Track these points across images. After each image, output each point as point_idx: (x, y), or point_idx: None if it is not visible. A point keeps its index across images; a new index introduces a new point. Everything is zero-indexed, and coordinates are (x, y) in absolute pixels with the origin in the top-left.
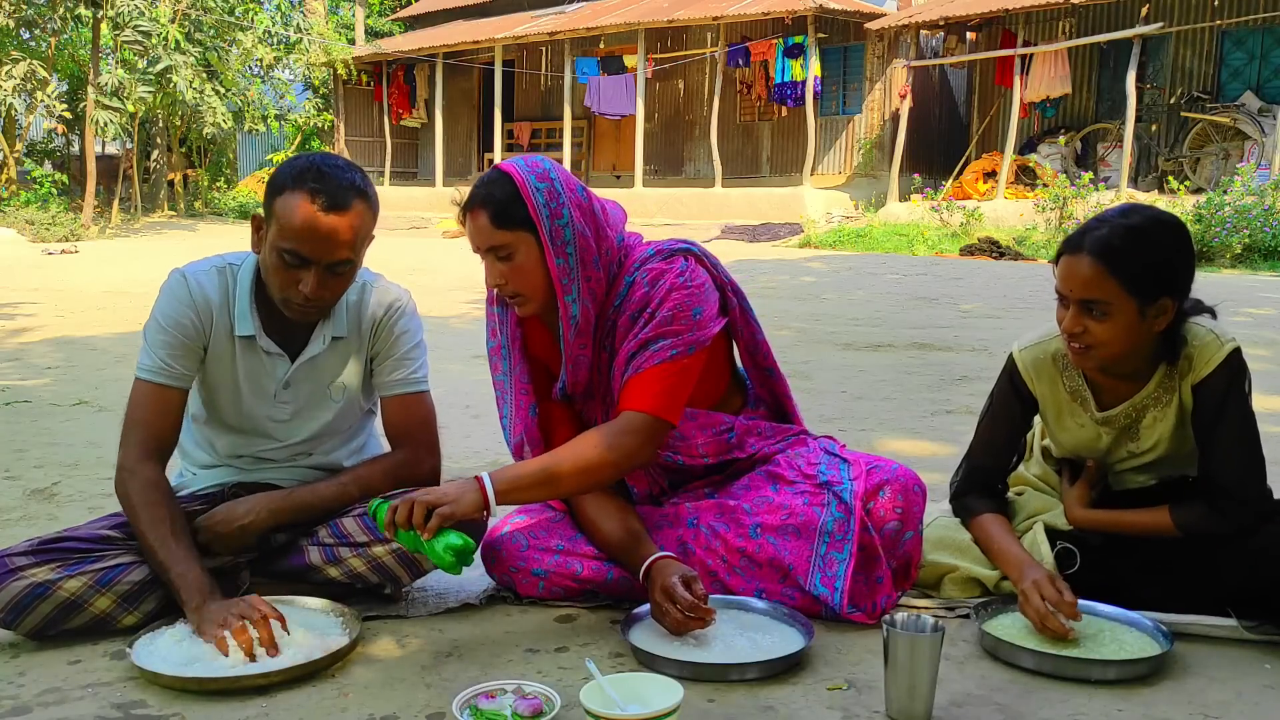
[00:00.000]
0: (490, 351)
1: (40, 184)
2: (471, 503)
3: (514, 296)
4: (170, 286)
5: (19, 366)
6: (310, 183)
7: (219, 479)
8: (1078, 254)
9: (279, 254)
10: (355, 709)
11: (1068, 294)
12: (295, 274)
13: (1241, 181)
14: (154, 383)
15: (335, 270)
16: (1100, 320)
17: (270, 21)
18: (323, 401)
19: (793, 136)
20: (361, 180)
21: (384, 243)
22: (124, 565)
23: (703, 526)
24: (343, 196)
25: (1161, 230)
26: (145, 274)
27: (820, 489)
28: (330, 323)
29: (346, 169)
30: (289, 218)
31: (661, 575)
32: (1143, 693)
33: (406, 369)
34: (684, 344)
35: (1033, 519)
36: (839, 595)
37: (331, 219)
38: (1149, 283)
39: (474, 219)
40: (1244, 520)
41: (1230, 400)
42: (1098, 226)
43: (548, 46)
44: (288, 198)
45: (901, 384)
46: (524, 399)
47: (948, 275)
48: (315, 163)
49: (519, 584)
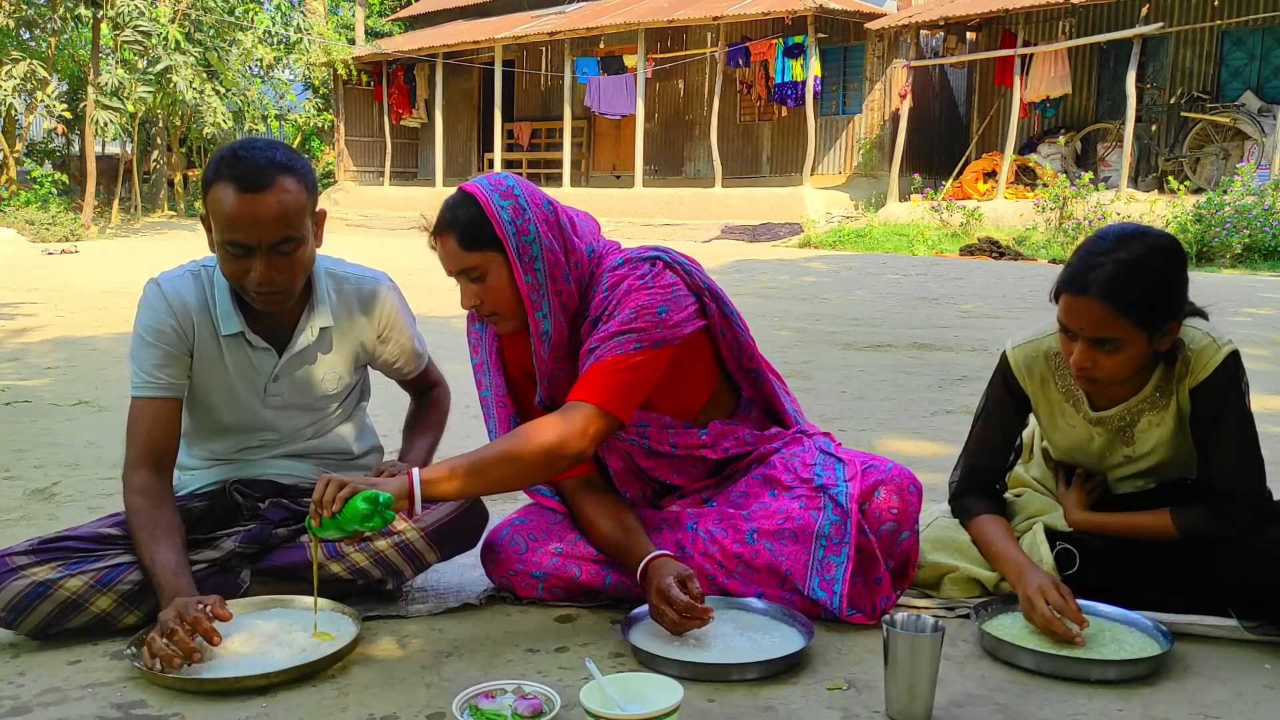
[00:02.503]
0: (474, 369)
1: (40, 184)
2: (396, 487)
3: (491, 315)
4: (146, 299)
5: (19, 366)
6: (228, 169)
7: (218, 476)
8: (1084, 295)
9: (223, 248)
10: (355, 709)
11: (1078, 332)
12: (243, 263)
13: (1241, 181)
14: (146, 397)
15: (280, 251)
16: (1111, 354)
17: (270, 21)
18: (315, 391)
19: (793, 136)
20: (284, 156)
21: (384, 242)
22: (125, 564)
23: (700, 531)
24: (262, 176)
25: (1160, 257)
26: (145, 274)
27: (816, 493)
28: (315, 314)
29: (266, 148)
30: (218, 209)
31: (657, 576)
32: (1143, 693)
33: (412, 347)
34: (648, 340)
35: (1032, 520)
36: (838, 599)
37: (255, 200)
38: (1156, 313)
39: (443, 243)
40: (1245, 522)
41: (1229, 402)
42: (1100, 264)
43: (548, 46)
44: (214, 191)
45: (901, 384)
46: (503, 411)
47: (948, 275)
48: (233, 148)
49: (518, 586)
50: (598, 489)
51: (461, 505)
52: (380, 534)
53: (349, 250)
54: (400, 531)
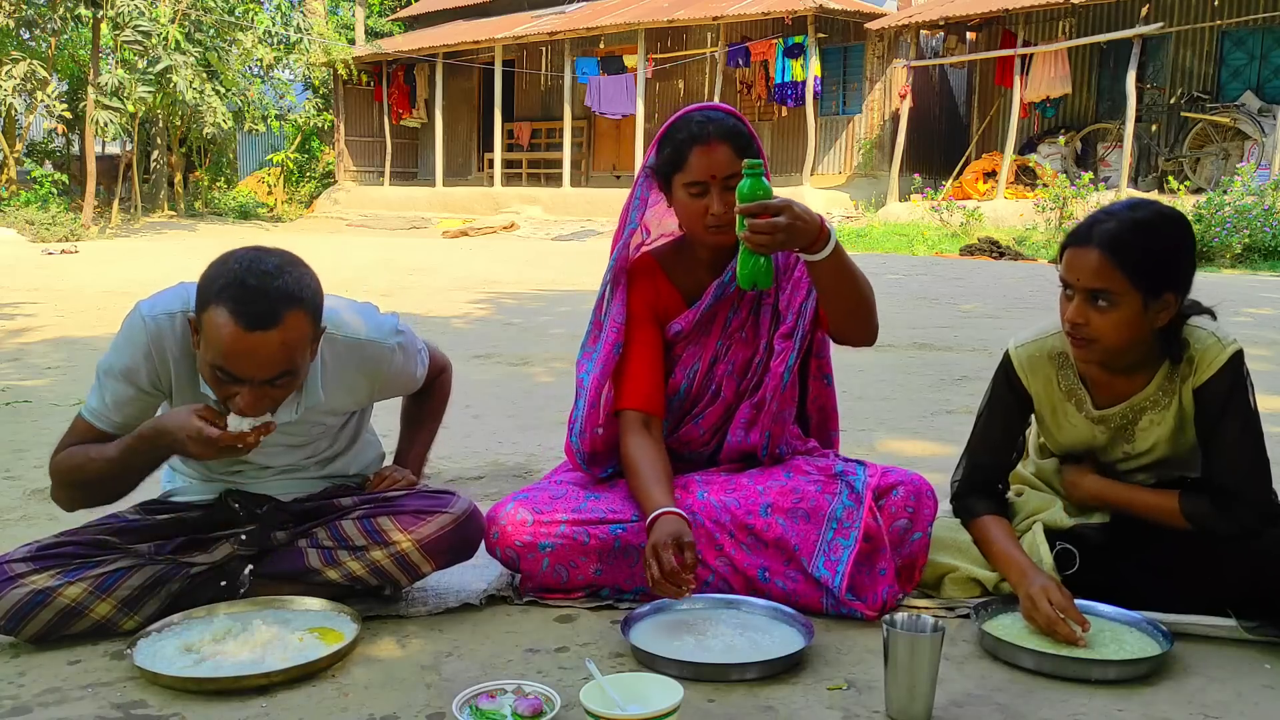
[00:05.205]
0: (600, 307)
1: (40, 184)
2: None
3: (732, 222)
4: (129, 328)
5: (19, 366)
6: (231, 300)
7: (216, 490)
8: (1085, 246)
9: (211, 370)
10: (355, 709)
11: (1074, 283)
12: (230, 389)
13: (1241, 181)
14: (95, 426)
15: (273, 384)
16: (1104, 312)
17: (270, 21)
18: (305, 436)
19: (793, 136)
20: (293, 283)
21: (384, 242)
22: (124, 570)
23: (713, 499)
24: (269, 312)
25: (1168, 224)
26: (145, 274)
27: (833, 479)
28: (304, 395)
29: (275, 273)
30: (214, 336)
31: (658, 531)
32: (1143, 693)
33: (414, 384)
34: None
35: (1032, 519)
36: (840, 578)
37: (257, 338)
38: (1155, 276)
39: (718, 148)
40: (1248, 521)
41: (1234, 401)
42: (1105, 219)
43: (548, 46)
44: (212, 314)
45: (901, 384)
46: (615, 338)
47: (948, 275)
48: (239, 274)
49: (523, 559)
50: (654, 431)
51: (458, 518)
52: (377, 545)
53: (349, 250)
54: (396, 543)
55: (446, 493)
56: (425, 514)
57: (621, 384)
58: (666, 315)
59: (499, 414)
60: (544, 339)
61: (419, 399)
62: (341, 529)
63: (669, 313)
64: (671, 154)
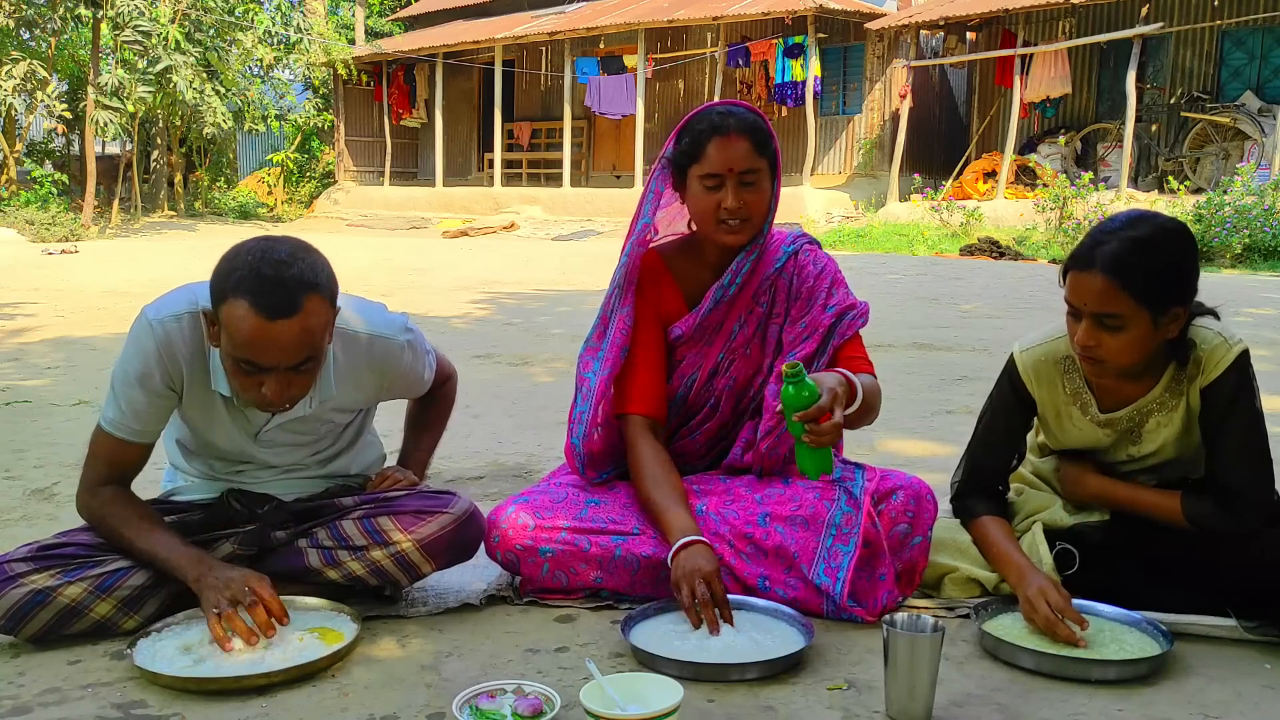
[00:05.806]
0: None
1: (40, 184)
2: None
3: (745, 220)
4: (137, 334)
5: (19, 366)
6: (249, 291)
7: (218, 489)
8: (1088, 270)
9: (234, 362)
10: (355, 709)
11: (1081, 308)
12: (254, 380)
13: (1241, 181)
14: (116, 436)
15: (299, 370)
16: (1115, 333)
17: (270, 21)
18: (312, 434)
19: (793, 136)
20: (308, 269)
21: (384, 242)
22: (124, 570)
23: (712, 511)
24: (288, 300)
25: (1169, 240)
26: (145, 274)
27: (832, 485)
28: (318, 388)
29: (289, 260)
30: (236, 329)
31: (682, 566)
32: (1143, 693)
33: (422, 384)
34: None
35: (1032, 518)
36: (840, 585)
37: (280, 326)
38: (1161, 294)
39: (736, 141)
40: (1250, 522)
41: (1240, 400)
42: (1106, 240)
43: (548, 46)
44: (231, 307)
45: (901, 384)
46: (622, 340)
47: (948, 275)
48: (254, 265)
49: (524, 563)
50: (658, 437)
51: (458, 518)
52: (377, 545)
53: (349, 250)
54: (396, 543)
55: (447, 493)
56: (425, 514)
57: (627, 388)
58: (669, 318)
59: (499, 414)
60: (544, 339)
61: (424, 404)
62: (342, 529)
63: (671, 315)
64: (690, 144)
